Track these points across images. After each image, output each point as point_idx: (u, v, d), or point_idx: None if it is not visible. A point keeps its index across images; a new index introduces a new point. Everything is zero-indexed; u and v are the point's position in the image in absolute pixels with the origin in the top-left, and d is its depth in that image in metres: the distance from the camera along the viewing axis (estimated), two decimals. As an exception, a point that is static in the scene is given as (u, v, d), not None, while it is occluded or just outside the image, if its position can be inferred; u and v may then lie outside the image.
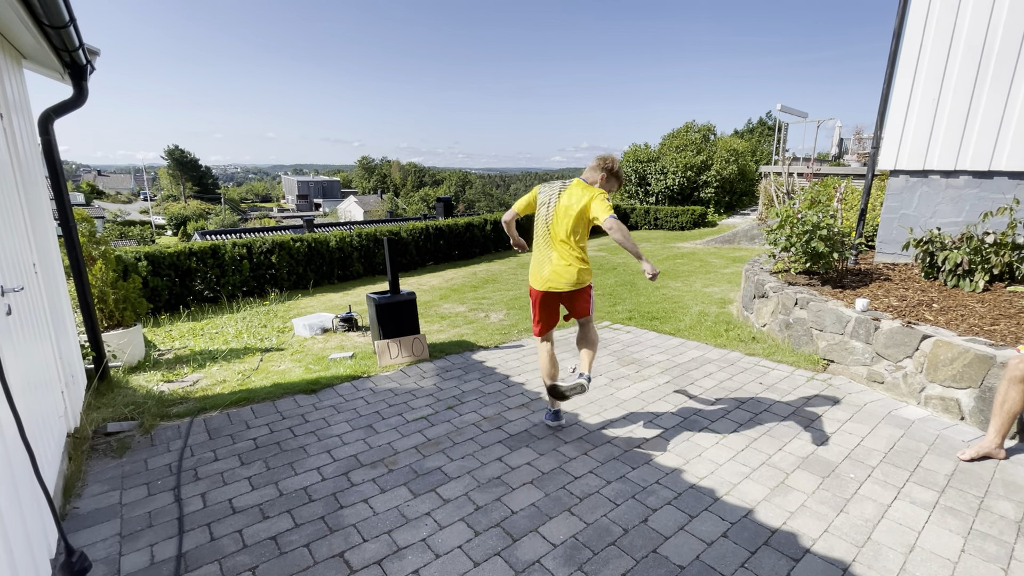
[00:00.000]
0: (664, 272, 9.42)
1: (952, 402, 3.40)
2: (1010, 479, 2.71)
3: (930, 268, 4.97)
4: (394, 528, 2.43)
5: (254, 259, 9.31)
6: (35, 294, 2.95)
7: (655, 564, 2.17)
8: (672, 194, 24.66)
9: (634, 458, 3.00)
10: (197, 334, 6.27)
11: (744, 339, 5.00)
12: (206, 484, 2.81)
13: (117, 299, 4.88)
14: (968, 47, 5.08)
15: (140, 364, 4.85)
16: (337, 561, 2.22)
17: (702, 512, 2.50)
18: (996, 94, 4.96)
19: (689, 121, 26.85)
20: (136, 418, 3.54)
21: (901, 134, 5.62)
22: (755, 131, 44.10)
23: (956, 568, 2.12)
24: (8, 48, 3.07)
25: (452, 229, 12.96)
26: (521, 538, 2.35)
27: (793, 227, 5.11)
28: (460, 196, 70.58)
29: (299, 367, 4.69)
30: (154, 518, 2.53)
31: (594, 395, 3.87)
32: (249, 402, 3.86)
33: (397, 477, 2.86)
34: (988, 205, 5.12)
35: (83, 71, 3.59)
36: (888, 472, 2.81)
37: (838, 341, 4.16)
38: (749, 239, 13.87)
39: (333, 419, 3.57)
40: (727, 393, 3.86)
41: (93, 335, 4.17)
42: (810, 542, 2.28)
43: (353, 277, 10.88)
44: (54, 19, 2.57)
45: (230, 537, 2.38)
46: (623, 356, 4.73)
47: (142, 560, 2.24)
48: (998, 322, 3.78)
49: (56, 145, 3.74)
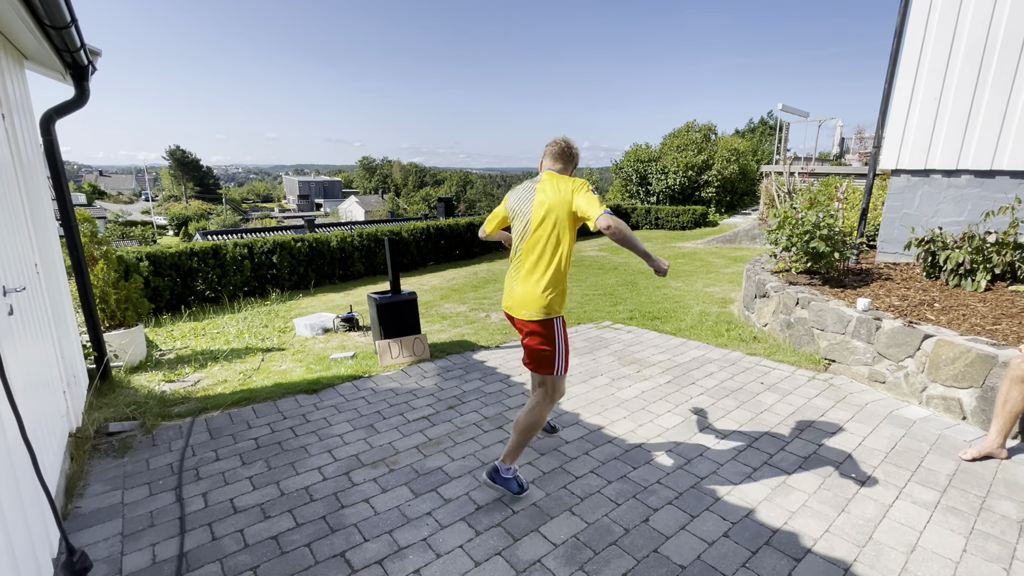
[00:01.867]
0: (665, 272, 9.41)
1: (954, 402, 3.39)
2: (1012, 479, 2.71)
3: (932, 268, 4.96)
4: (395, 528, 2.43)
5: (255, 259, 9.32)
6: (37, 294, 2.96)
7: (656, 564, 2.17)
8: (673, 194, 24.65)
9: (635, 458, 3.00)
10: (198, 334, 6.28)
11: (745, 339, 4.99)
12: (207, 484, 2.82)
13: (119, 299, 4.89)
14: (970, 45, 5.07)
15: (142, 364, 4.86)
16: (338, 561, 2.22)
17: (703, 512, 2.50)
18: (998, 93, 4.95)
19: (690, 120, 26.87)
20: (138, 418, 3.55)
21: (903, 133, 5.61)
22: (756, 131, 44.07)
23: (958, 568, 2.12)
24: (10, 49, 3.08)
25: (453, 229, 12.96)
26: (522, 538, 2.35)
27: (793, 227, 5.10)
28: (461, 196, 70.58)
29: (300, 367, 4.69)
30: (156, 518, 2.53)
31: (595, 395, 3.87)
32: (250, 402, 3.87)
33: (398, 477, 2.86)
34: (990, 204, 5.11)
35: (85, 72, 3.60)
36: (889, 472, 2.80)
37: (839, 341, 4.16)
38: (750, 239, 13.85)
39: (334, 419, 3.57)
40: (728, 393, 3.86)
41: (95, 335, 4.17)
42: (811, 542, 2.28)
43: (354, 277, 10.89)
44: (55, 20, 2.58)
45: (231, 537, 2.38)
46: (624, 356, 4.72)
47: (144, 559, 2.24)
48: (1000, 322, 3.77)
49: (58, 145, 3.75)
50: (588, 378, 4.19)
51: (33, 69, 3.60)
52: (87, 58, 3.42)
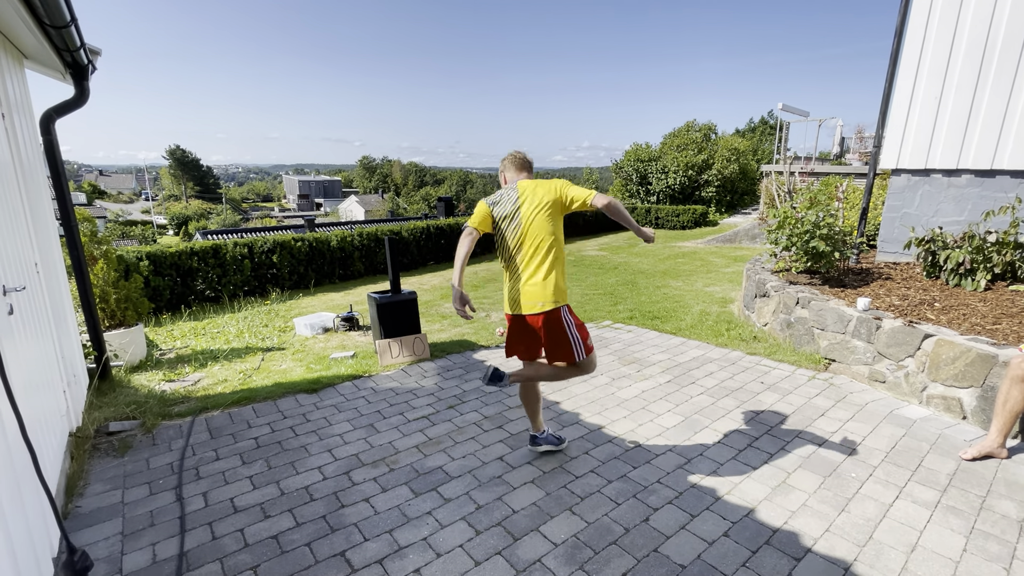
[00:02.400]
0: (665, 271, 9.41)
1: (954, 401, 3.39)
2: (1012, 479, 2.71)
3: (932, 267, 4.96)
4: (395, 527, 2.43)
5: (255, 259, 9.32)
6: (37, 294, 2.96)
7: (656, 563, 2.17)
8: (673, 193, 24.64)
9: (635, 457, 3.00)
10: (199, 334, 6.28)
11: (745, 338, 4.99)
12: (207, 483, 2.82)
13: (119, 299, 4.89)
14: (970, 45, 5.06)
15: (142, 363, 4.86)
16: (338, 560, 2.23)
17: (703, 511, 2.50)
18: (998, 92, 4.95)
19: (690, 120, 26.86)
20: (138, 417, 3.55)
21: (903, 133, 5.61)
22: (756, 130, 44.04)
23: (958, 568, 2.12)
24: (10, 48, 3.08)
25: (453, 229, 12.95)
26: (522, 537, 2.35)
27: (793, 227, 5.10)
28: (461, 196, 70.56)
29: (300, 366, 4.69)
30: (156, 517, 2.53)
31: (595, 394, 3.87)
32: (250, 401, 3.87)
33: (398, 476, 2.86)
34: (990, 204, 5.11)
35: (84, 71, 3.60)
36: (890, 471, 2.80)
37: (839, 340, 4.15)
38: (750, 238, 13.85)
39: (334, 418, 3.57)
40: (728, 392, 3.86)
41: (95, 334, 4.17)
42: (811, 541, 2.28)
43: (354, 276, 10.89)
44: (55, 19, 2.58)
45: (231, 536, 2.39)
46: (624, 355, 4.72)
47: (144, 559, 2.25)
48: (1000, 321, 3.77)
49: (58, 145, 3.75)
50: (588, 377, 4.19)
51: (33, 68, 3.60)
52: (87, 57, 3.42)
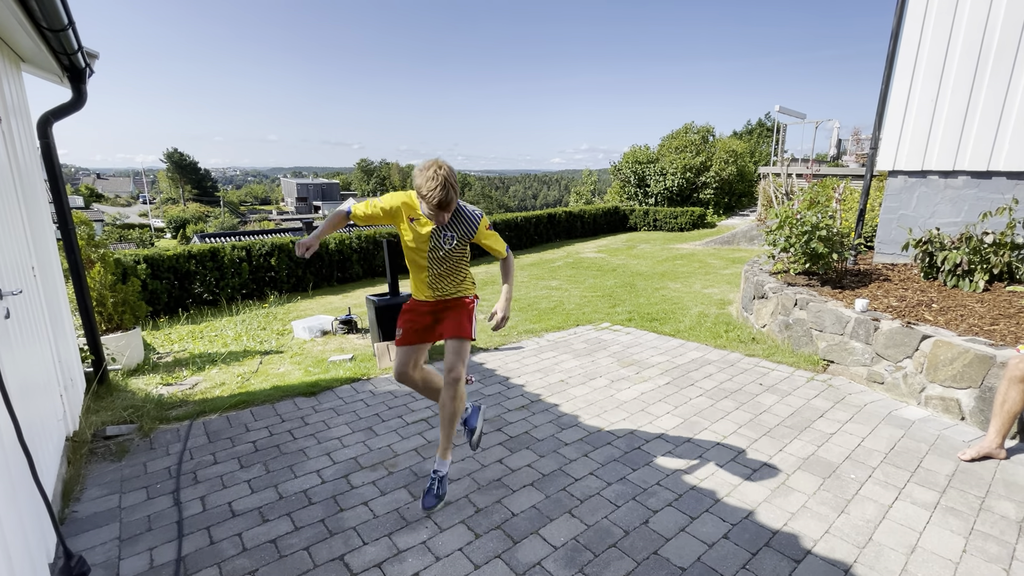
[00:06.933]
0: (663, 273, 9.42)
1: (952, 402, 3.39)
2: (1011, 479, 2.71)
3: (929, 268, 4.97)
4: (394, 531, 2.42)
5: (253, 261, 9.30)
6: (34, 297, 2.95)
7: (656, 566, 2.17)
8: (671, 195, 24.67)
9: (634, 459, 2.99)
10: (196, 337, 6.26)
11: (744, 340, 4.99)
12: (205, 487, 2.80)
13: (116, 302, 4.87)
14: (966, 47, 5.09)
15: (139, 367, 4.84)
16: (337, 564, 2.21)
17: (703, 513, 2.50)
18: (994, 94, 4.97)
19: (688, 122, 26.91)
20: (135, 421, 3.53)
21: (899, 134, 5.63)
22: (754, 132, 44.15)
23: (958, 569, 2.12)
24: (7, 51, 3.07)
25: (451, 231, 12.95)
26: (522, 540, 2.34)
27: (792, 228, 5.11)
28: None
29: (298, 370, 4.68)
30: (153, 522, 2.52)
31: (594, 396, 3.87)
32: (248, 405, 3.86)
33: (397, 479, 2.85)
34: (987, 205, 5.13)
35: (82, 74, 3.59)
36: (889, 473, 2.80)
37: (838, 342, 4.16)
38: (748, 240, 13.88)
39: (333, 422, 3.56)
40: (727, 394, 3.86)
41: (92, 338, 4.16)
42: (811, 543, 2.28)
43: (352, 279, 10.88)
44: (52, 22, 2.57)
45: (229, 540, 2.37)
46: (623, 357, 4.72)
47: (141, 564, 2.23)
48: (998, 322, 3.78)
49: (55, 148, 3.74)
50: (587, 380, 4.19)
51: (30, 72, 3.59)
52: (84, 60, 3.42)
